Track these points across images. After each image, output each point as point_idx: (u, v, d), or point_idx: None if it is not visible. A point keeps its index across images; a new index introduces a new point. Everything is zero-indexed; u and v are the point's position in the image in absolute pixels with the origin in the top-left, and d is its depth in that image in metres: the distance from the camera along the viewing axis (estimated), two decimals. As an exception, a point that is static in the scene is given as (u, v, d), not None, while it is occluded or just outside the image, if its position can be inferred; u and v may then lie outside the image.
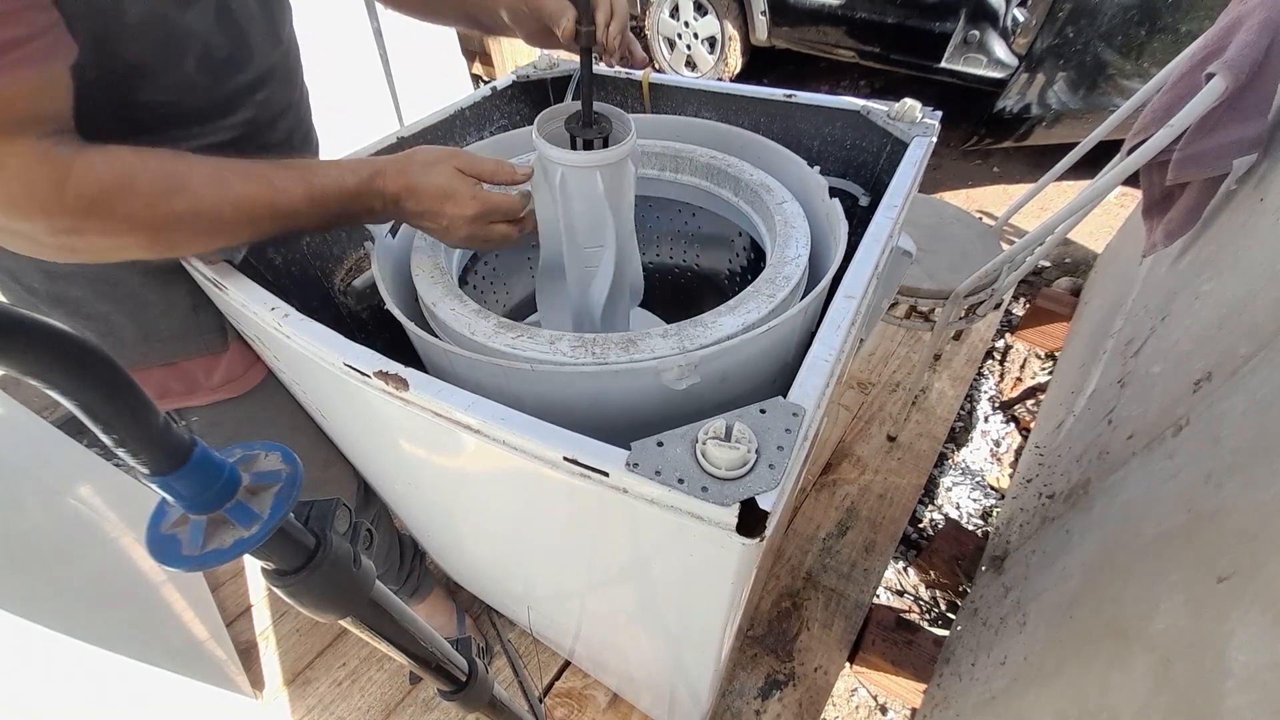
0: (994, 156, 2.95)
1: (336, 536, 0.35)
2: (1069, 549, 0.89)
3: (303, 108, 0.77)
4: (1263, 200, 0.87)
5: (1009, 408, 1.85)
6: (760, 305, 0.60)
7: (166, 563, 0.28)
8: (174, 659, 1.04)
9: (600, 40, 0.67)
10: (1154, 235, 1.12)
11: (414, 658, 0.45)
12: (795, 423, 0.42)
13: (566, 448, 0.42)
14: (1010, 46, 2.38)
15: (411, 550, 1.18)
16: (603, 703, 1.23)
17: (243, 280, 0.59)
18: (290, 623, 1.39)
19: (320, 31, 1.72)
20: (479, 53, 3.38)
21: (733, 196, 0.82)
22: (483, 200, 0.60)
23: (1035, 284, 2.22)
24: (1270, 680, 0.41)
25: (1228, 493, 0.58)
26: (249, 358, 0.76)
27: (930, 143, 0.76)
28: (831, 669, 1.27)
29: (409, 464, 0.71)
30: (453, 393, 0.47)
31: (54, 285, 0.63)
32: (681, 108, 0.98)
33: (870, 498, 1.57)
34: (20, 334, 0.19)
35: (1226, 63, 0.86)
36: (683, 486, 0.38)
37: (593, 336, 0.57)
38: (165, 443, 0.25)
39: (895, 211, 0.65)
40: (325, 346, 0.52)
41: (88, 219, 0.46)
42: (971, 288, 1.29)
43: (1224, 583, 0.51)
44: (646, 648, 0.83)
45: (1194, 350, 0.83)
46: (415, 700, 1.25)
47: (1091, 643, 0.67)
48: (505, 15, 0.73)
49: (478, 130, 0.98)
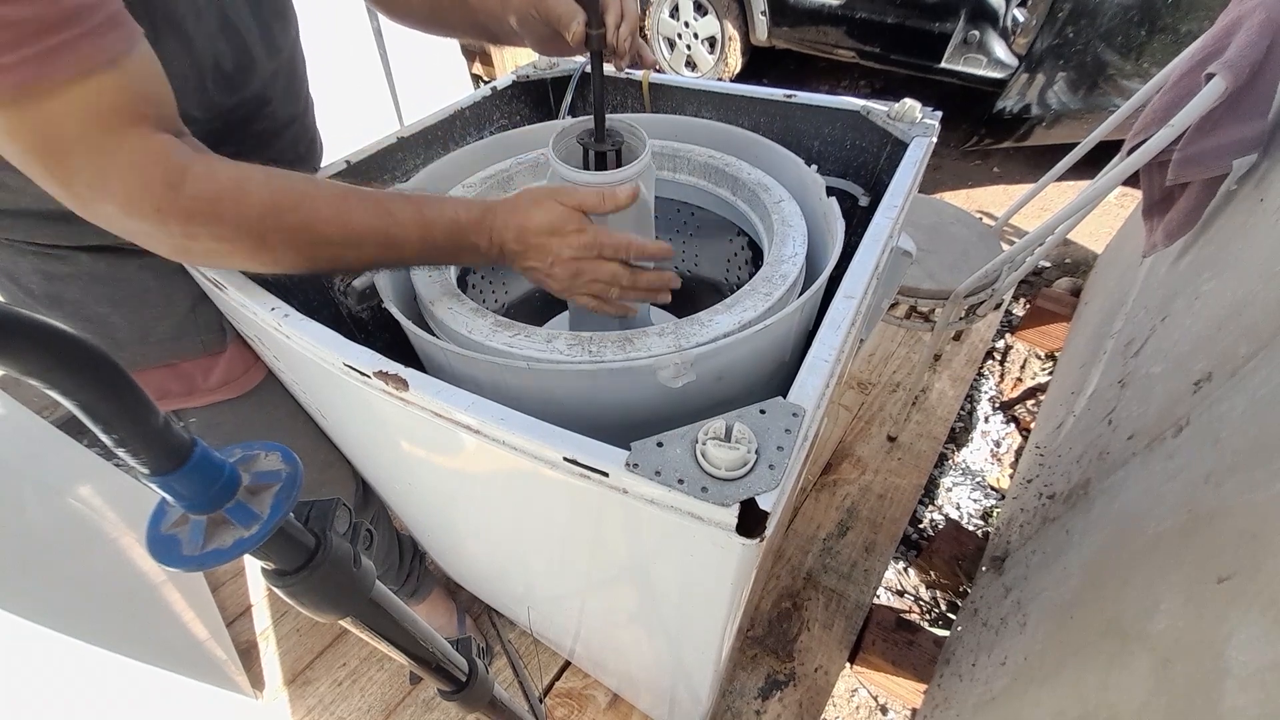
0: (994, 156, 2.95)
1: (336, 536, 0.35)
2: (1069, 549, 0.89)
3: (308, 119, 0.77)
4: (1263, 200, 0.87)
5: (1009, 408, 1.85)
6: (757, 303, 0.60)
7: (166, 563, 0.28)
8: (174, 659, 1.04)
9: (610, 43, 0.67)
10: (1154, 235, 1.12)
11: (414, 658, 0.45)
12: (795, 423, 0.42)
13: (566, 448, 0.42)
14: (1010, 46, 2.38)
15: (411, 550, 1.18)
16: (603, 703, 1.23)
17: (243, 280, 0.59)
18: (290, 623, 1.39)
19: (320, 31, 1.73)
20: (479, 53, 3.38)
21: (731, 195, 0.82)
22: (591, 233, 0.58)
23: (1035, 284, 2.22)
24: (1270, 680, 0.41)
25: (1228, 493, 0.58)
26: (248, 358, 0.76)
27: (930, 143, 0.76)
28: (832, 669, 1.27)
29: (408, 464, 0.71)
30: (452, 393, 0.47)
31: (52, 286, 0.63)
32: (681, 108, 0.98)
33: (870, 498, 1.57)
34: (20, 334, 0.19)
35: (1226, 63, 0.86)
36: (683, 487, 0.38)
37: (589, 335, 0.57)
38: (165, 442, 0.25)
39: (895, 212, 0.65)
40: (325, 346, 0.52)
41: (201, 223, 0.46)
42: (971, 288, 1.29)
43: (1224, 583, 0.51)
44: (647, 648, 0.83)
45: (1194, 350, 0.83)
46: (415, 700, 1.26)
47: (1091, 643, 0.67)
48: (514, 21, 0.72)
49: (477, 130, 0.98)
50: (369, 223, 0.53)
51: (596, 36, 0.64)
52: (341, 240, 0.52)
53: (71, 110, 0.41)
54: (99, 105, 0.41)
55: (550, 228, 0.57)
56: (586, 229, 0.58)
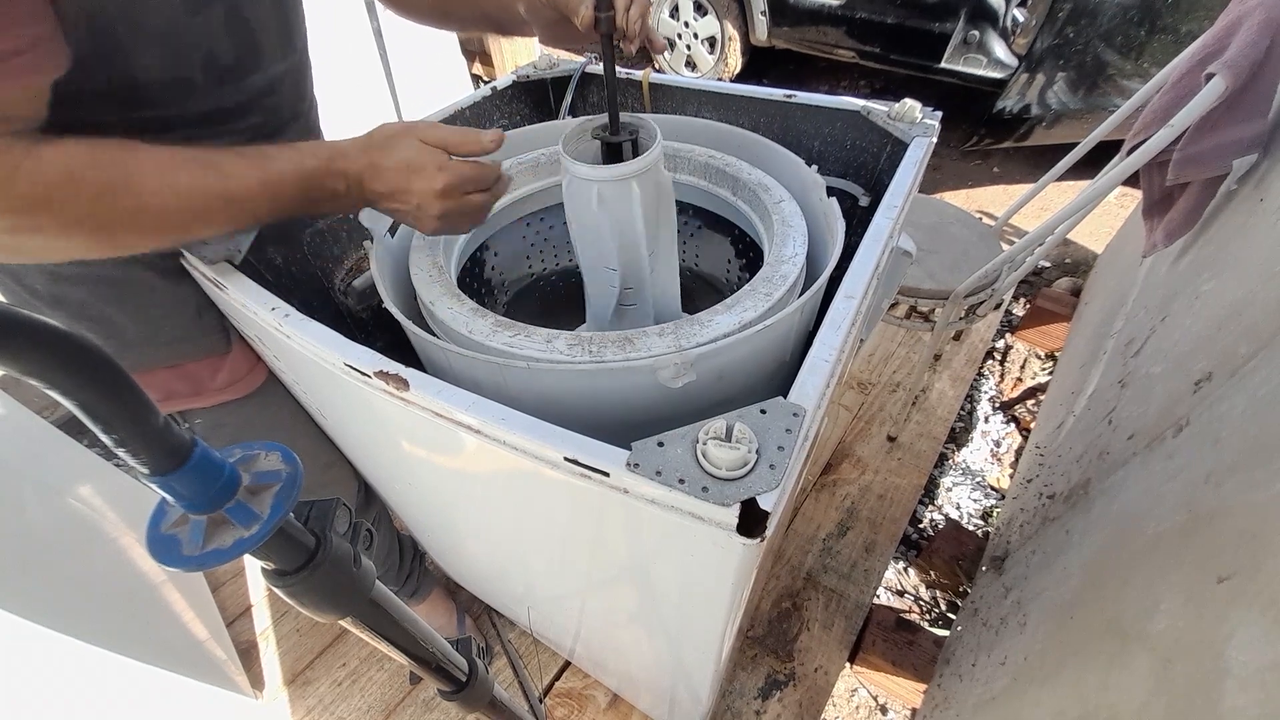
0: (994, 156, 2.95)
1: (336, 536, 0.35)
2: (1069, 549, 0.89)
3: (312, 117, 0.77)
4: (1263, 200, 0.87)
5: (1009, 408, 1.85)
6: (757, 304, 0.60)
7: (166, 563, 0.28)
8: (174, 659, 1.04)
9: (620, 25, 0.65)
10: (1154, 235, 1.12)
11: (414, 658, 0.45)
12: (796, 423, 0.42)
13: (567, 448, 0.42)
14: (1010, 46, 2.38)
15: (411, 550, 1.18)
16: (603, 703, 1.23)
17: (243, 280, 0.59)
18: (290, 623, 1.39)
19: (320, 31, 1.73)
20: (479, 53, 3.38)
21: (731, 196, 0.82)
22: (452, 171, 0.56)
23: (1035, 284, 2.22)
24: (1270, 680, 0.41)
25: (1228, 493, 0.58)
26: (251, 359, 0.76)
27: (930, 143, 0.76)
28: (832, 669, 1.27)
29: (409, 464, 0.71)
30: (453, 393, 0.47)
31: (56, 287, 0.63)
32: (681, 107, 0.98)
33: (870, 498, 1.57)
34: (21, 334, 0.19)
35: (1226, 63, 0.86)
36: (683, 487, 0.38)
37: (589, 335, 0.57)
38: (165, 442, 0.25)
39: (895, 212, 0.65)
40: (325, 346, 0.52)
41: (33, 216, 0.44)
42: (971, 288, 1.29)
43: (1224, 583, 0.51)
44: (647, 648, 0.83)
45: (1194, 350, 0.83)
46: (415, 700, 1.25)
47: (1091, 643, 0.67)
48: (522, 8, 0.71)
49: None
50: (205, 188, 0.49)
51: (606, 19, 0.63)
52: (178, 210, 0.49)
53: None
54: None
55: (410, 166, 0.55)
56: (447, 166, 0.56)
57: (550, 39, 0.75)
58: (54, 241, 0.46)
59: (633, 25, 0.66)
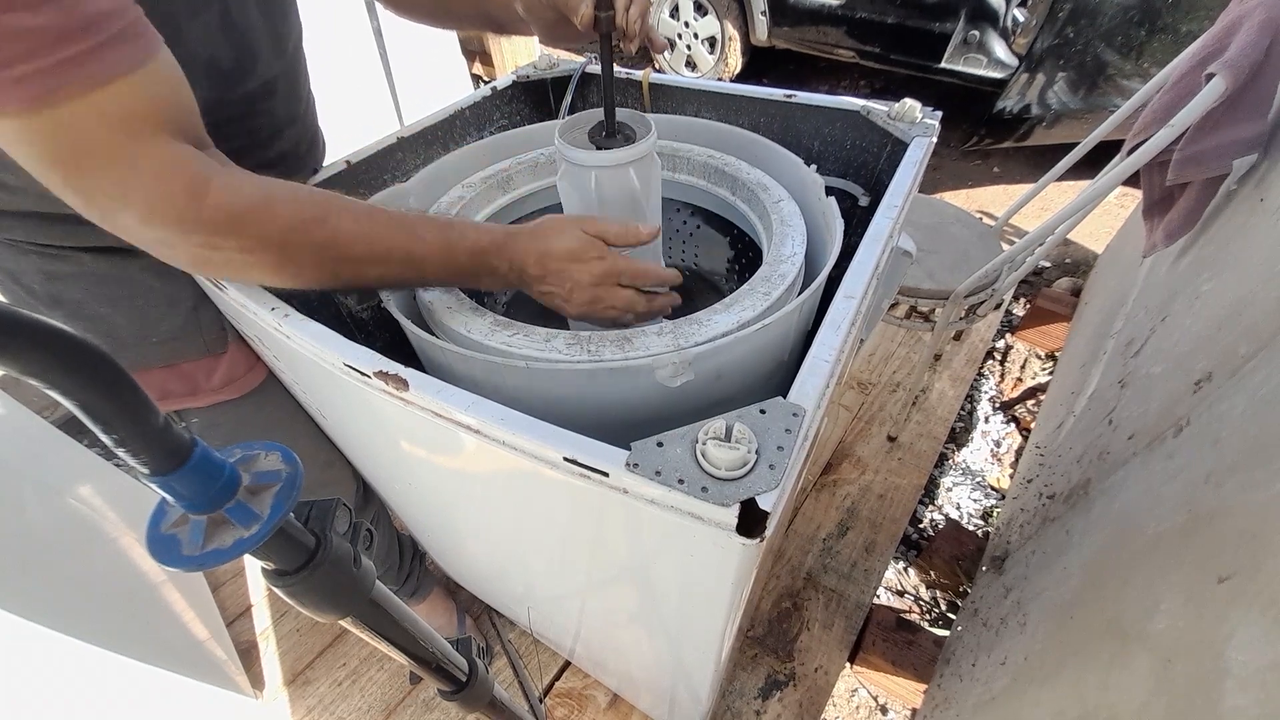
0: (994, 156, 2.95)
1: (336, 536, 0.35)
2: (1069, 549, 0.89)
3: (309, 118, 0.77)
4: (1263, 200, 0.87)
5: (1009, 408, 1.85)
6: (756, 303, 0.60)
7: (166, 563, 0.28)
8: (174, 659, 1.04)
9: (620, 25, 0.65)
10: (1154, 235, 1.12)
11: (414, 658, 0.45)
12: (795, 423, 0.42)
13: (567, 448, 0.42)
14: (1010, 47, 2.38)
15: (411, 550, 1.18)
16: (603, 703, 1.23)
17: (243, 280, 0.59)
18: (290, 623, 1.39)
19: (320, 31, 1.72)
20: (479, 53, 3.38)
21: (730, 195, 0.82)
22: (611, 261, 0.59)
23: (1035, 284, 2.22)
24: (1270, 680, 0.41)
25: (1228, 493, 0.58)
26: (249, 358, 0.76)
27: (930, 143, 0.76)
28: (832, 669, 1.27)
29: (408, 464, 0.71)
30: (453, 393, 0.47)
31: (54, 286, 0.63)
32: (681, 108, 0.98)
33: (870, 498, 1.57)
34: (20, 334, 0.19)
35: (1227, 63, 0.86)
36: (683, 487, 0.38)
37: (588, 334, 0.57)
38: (165, 442, 0.25)
39: (895, 212, 0.65)
40: (325, 346, 0.52)
41: (225, 235, 0.46)
42: (971, 288, 1.29)
43: (1224, 583, 0.51)
44: (647, 648, 0.83)
45: (1194, 350, 0.83)
46: (415, 700, 1.26)
47: (1091, 643, 0.67)
48: (521, 8, 0.72)
49: (477, 130, 0.98)
50: (394, 239, 0.54)
51: (606, 18, 0.63)
52: (366, 256, 0.53)
53: (90, 119, 0.40)
54: (119, 114, 0.41)
55: (571, 254, 0.58)
56: (606, 256, 0.59)
57: (550, 39, 0.75)
58: (242, 259, 0.49)
59: (633, 24, 0.66)
